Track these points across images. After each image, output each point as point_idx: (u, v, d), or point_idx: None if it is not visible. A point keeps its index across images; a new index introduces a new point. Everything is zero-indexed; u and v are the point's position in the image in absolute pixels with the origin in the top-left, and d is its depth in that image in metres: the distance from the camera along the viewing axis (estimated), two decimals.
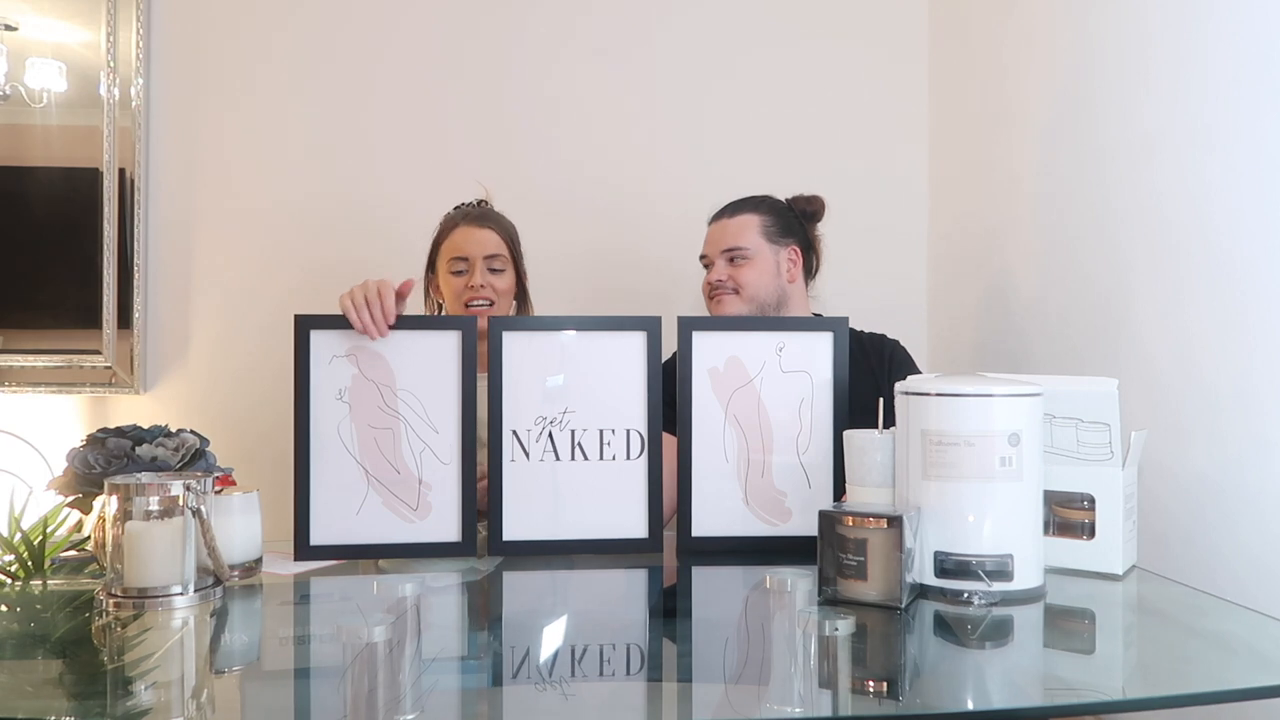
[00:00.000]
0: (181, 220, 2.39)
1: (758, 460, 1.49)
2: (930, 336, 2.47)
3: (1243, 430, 1.35)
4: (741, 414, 1.49)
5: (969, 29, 2.28)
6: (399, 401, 1.44)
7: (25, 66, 2.29)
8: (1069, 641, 1.12)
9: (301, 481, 1.41)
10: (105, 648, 1.06)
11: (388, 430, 1.43)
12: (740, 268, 1.82)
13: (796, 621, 0.94)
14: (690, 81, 2.46)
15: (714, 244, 1.87)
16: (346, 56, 2.41)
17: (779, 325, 1.59)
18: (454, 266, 1.82)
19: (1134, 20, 1.61)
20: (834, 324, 1.51)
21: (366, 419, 1.43)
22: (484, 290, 1.79)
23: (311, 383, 1.42)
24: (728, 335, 1.50)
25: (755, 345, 1.50)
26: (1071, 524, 1.31)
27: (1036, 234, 1.94)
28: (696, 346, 1.49)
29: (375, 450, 1.43)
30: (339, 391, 1.43)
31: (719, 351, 1.49)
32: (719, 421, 1.48)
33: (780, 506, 1.48)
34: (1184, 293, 1.48)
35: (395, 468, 1.43)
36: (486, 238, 1.83)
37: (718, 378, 1.49)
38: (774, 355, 1.50)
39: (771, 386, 1.49)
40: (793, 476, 1.48)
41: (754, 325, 1.61)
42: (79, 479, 1.32)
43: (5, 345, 2.34)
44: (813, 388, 1.49)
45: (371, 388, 1.43)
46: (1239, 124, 1.37)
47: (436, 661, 1.01)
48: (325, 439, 1.42)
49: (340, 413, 1.43)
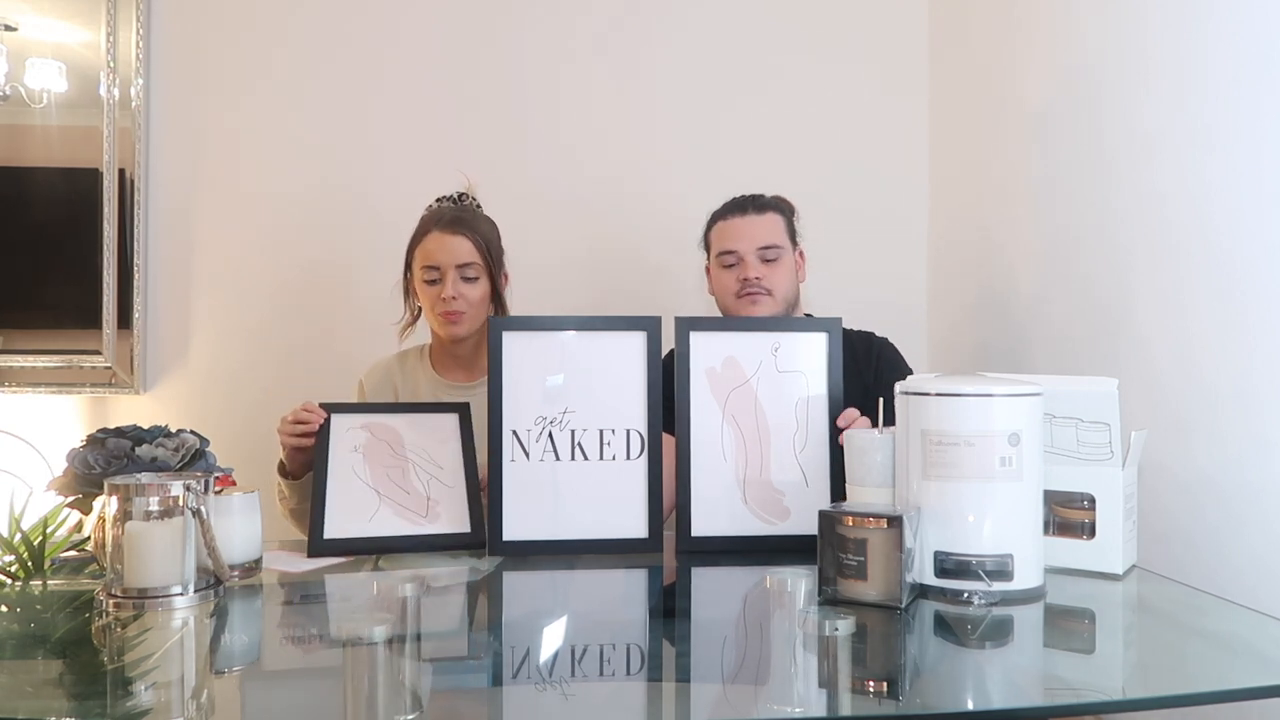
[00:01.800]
0: (181, 220, 2.39)
1: (755, 460, 1.49)
2: (930, 336, 2.47)
3: (1243, 429, 1.35)
4: (739, 414, 1.49)
5: (969, 29, 2.28)
6: (407, 450, 1.55)
7: (25, 66, 2.29)
8: (1069, 641, 1.12)
9: (319, 488, 1.47)
10: (105, 648, 1.06)
11: (398, 467, 1.53)
12: (773, 267, 1.81)
13: (796, 621, 0.94)
14: (690, 81, 2.46)
15: (746, 239, 1.82)
16: (347, 57, 2.41)
17: (774, 326, 1.59)
18: (427, 275, 1.76)
19: (1134, 20, 1.61)
20: (828, 324, 1.51)
21: (379, 461, 1.53)
22: (456, 302, 1.74)
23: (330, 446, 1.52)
24: (725, 335, 1.51)
25: (751, 345, 1.51)
26: (1071, 524, 1.31)
27: (1036, 234, 1.94)
28: (694, 347, 1.49)
29: (386, 478, 1.52)
30: (354, 447, 1.53)
31: (716, 352, 1.50)
32: (717, 421, 1.49)
33: (779, 505, 1.48)
34: (1184, 292, 1.48)
35: (404, 489, 1.51)
36: (459, 246, 1.75)
37: (715, 378, 1.50)
38: (770, 355, 1.51)
39: (768, 386, 1.50)
40: (790, 476, 1.48)
41: (749, 326, 1.61)
42: (79, 479, 1.32)
43: (5, 345, 2.34)
44: (808, 387, 1.50)
45: (384, 445, 1.55)
46: (1239, 124, 1.37)
47: (436, 661, 1.01)
48: (341, 471, 1.50)
49: (355, 459, 1.52)
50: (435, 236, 1.77)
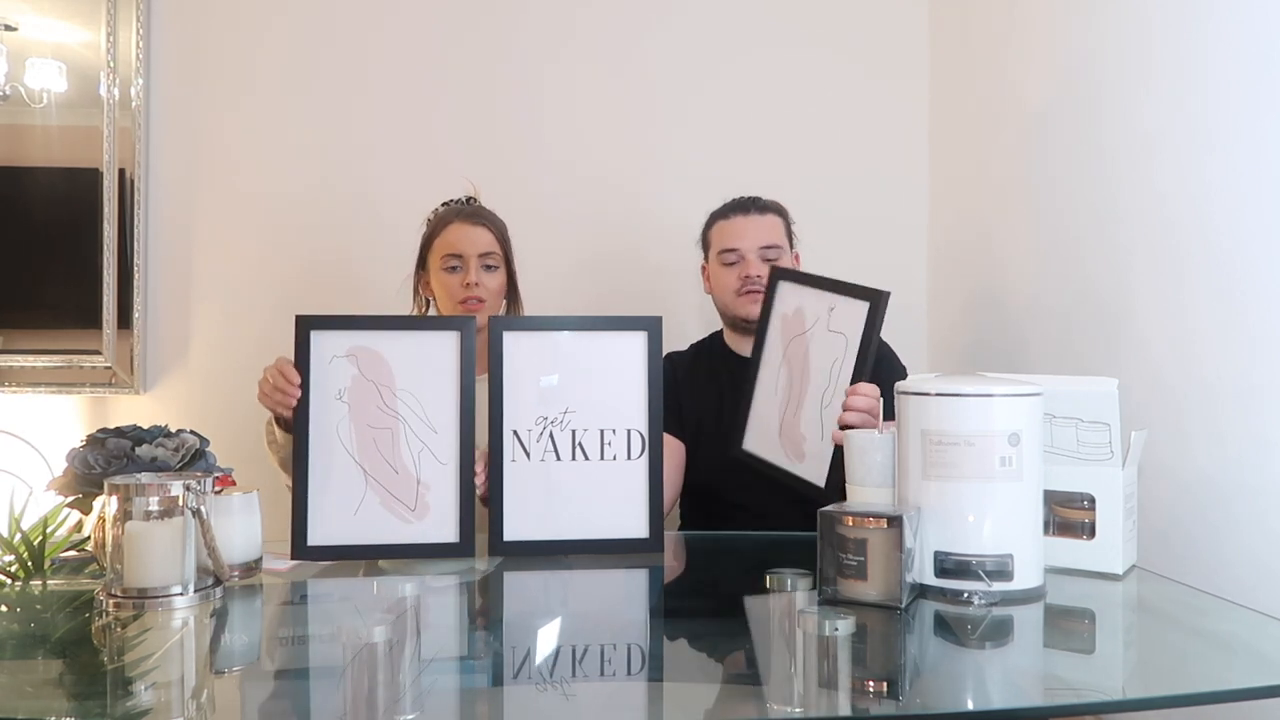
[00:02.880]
0: (181, 220, 2.39)
1: (794, 402, 1.64)
2: (929, 336, 2.47)
3: (1244, 429, 1.35)
4: (793, 359, 1.66)
5: (969, 29, 2.28)
6: (398, 401, 1.44)
7: (25, 66, 2.29)
8: (1069, 641, 1.12)
9: (300, 480, 1.41)
10: (105, 648, 1.06)
11: (386, 430, 1.43)
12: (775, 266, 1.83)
13: (796, 621, 0.94)
14: (689, 81, 2.46)
15: (749, 238, 1.85)
16: (347, 57, 2.41)
17: (836, 288, 1.62)
18: (447, 264, 1.80)
19: (1135, 20, 1.61)
20: (874, 295, 1.56)
21: (366, 419, 1.43)
22: (478, 289, 1.78)
23: (311, 383, 1.42)
24: (801, 288, 1.67)
25: (815, 302, 1.64)
26: (1071, 524, 1.31)
27: (1037, 234, 1.94)
28: (779, 294, 1.69)
29: (374, 450, 1.43)
30: (339, 392, 1.43)
31: (790, 302, 1.68)
32: (778, 360, 1.68)
33: (800, 447, 1.62)
34: (1184, 292, 1.48)
35: (394, 467, 1.43)
36: (480, 235, 1.81)
37: (785, 322, 1.68)
38: (826, 314, 1.62)
39: (819, 342, 1.63)
40: (812, 426, 1.61)
41: (820, 284, 1.65)
42: (79, 479, 1.32)
43: (5, 345, 2.34)
44: (845, 351, 1.59)
45: (371, 388, 1.44)
46: (1239, 124, 1.37)
47: (436, 662, 1.01)
48: (324, 439, 1.42)
49: (339, 413, 1.43)
50: (457, 227, 1.82)
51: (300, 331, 1.43)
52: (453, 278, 1.79)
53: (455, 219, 1.83)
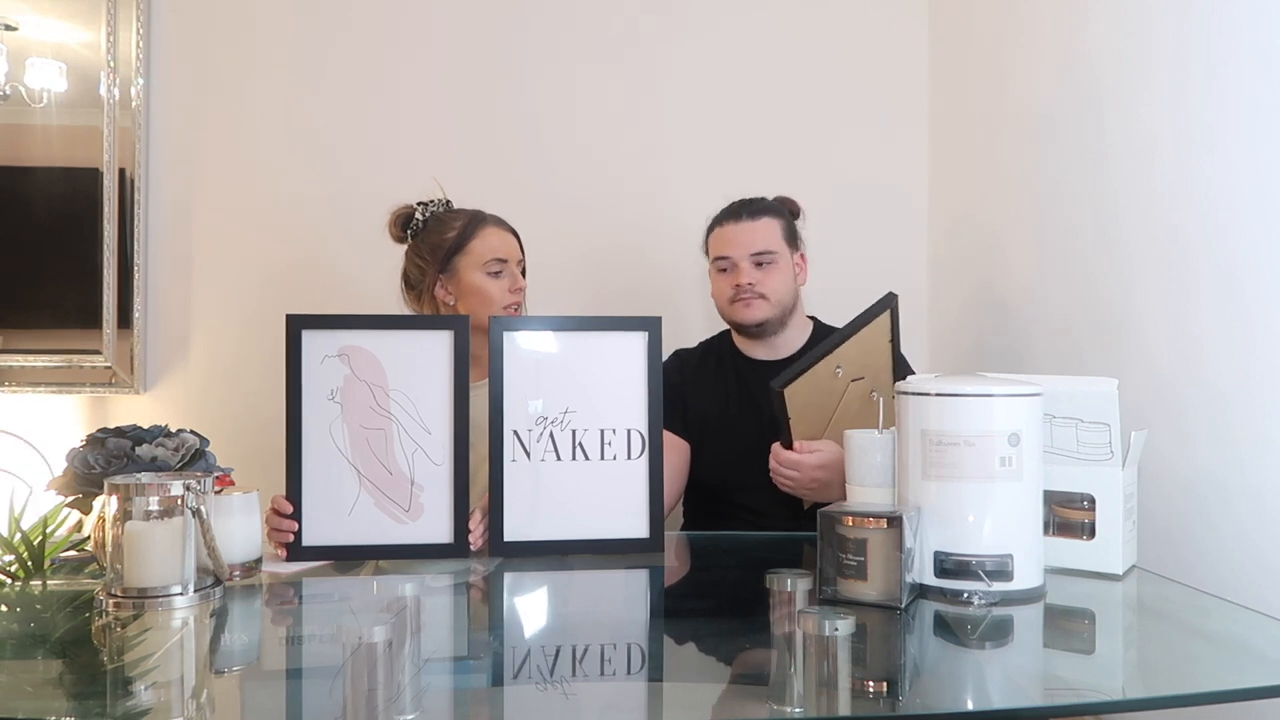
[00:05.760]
0: (181, 220, 2.39)
1: None
2: (930, 336, 2.47)
3: (1245, 429, 1.35)
4: None
5: (969, 29, 2.28)
6: (391, 402, 1.43)
7: (25, 66, 2.29)
8: (1069, 641, 1.12)
9: (293, 481, 1.40)
10: (105, 648, 1.06)
11: (380, 431, 1.42)
12: (767, 272, 1.83)
13: (796, 621, 0.94)
14: (689, 81, 2.46)
15: (740, 245, 1.84)
16: (347, 57, 2.41)
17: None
18: (491, 268, 1.78)
19: (1135, 20, 1.61)
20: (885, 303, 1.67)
21: (358, 419, 1.42)
22: (521, 293, 1.81)
23: (303, 383, 1.41)
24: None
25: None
26: (1071, 524, 1.31)
27: (1037, 233, 1.94)
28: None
29: (367, 450, 1.42)
30: (331, 392, 1.42)
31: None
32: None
33: None
34: (1186, 292, 1.48)
35: (387, 468, 1.42)
36: (513, 241, 1.83)
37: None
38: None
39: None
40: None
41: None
42: (79, 479, 1.32)
43: (5, 345, 2.34)
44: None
45: (364, 388, 1.43)
46: (1240, 124, 1.37)
47: (436, 662, 1.01)
48: (317, 439, 1.41)
49: (332, 413, 1.42)
50: (497, 232, 1.82)
51: (291, 331, 1.42)
52: (498, 282, 1.78)
53: (490, 224, 1.82)
